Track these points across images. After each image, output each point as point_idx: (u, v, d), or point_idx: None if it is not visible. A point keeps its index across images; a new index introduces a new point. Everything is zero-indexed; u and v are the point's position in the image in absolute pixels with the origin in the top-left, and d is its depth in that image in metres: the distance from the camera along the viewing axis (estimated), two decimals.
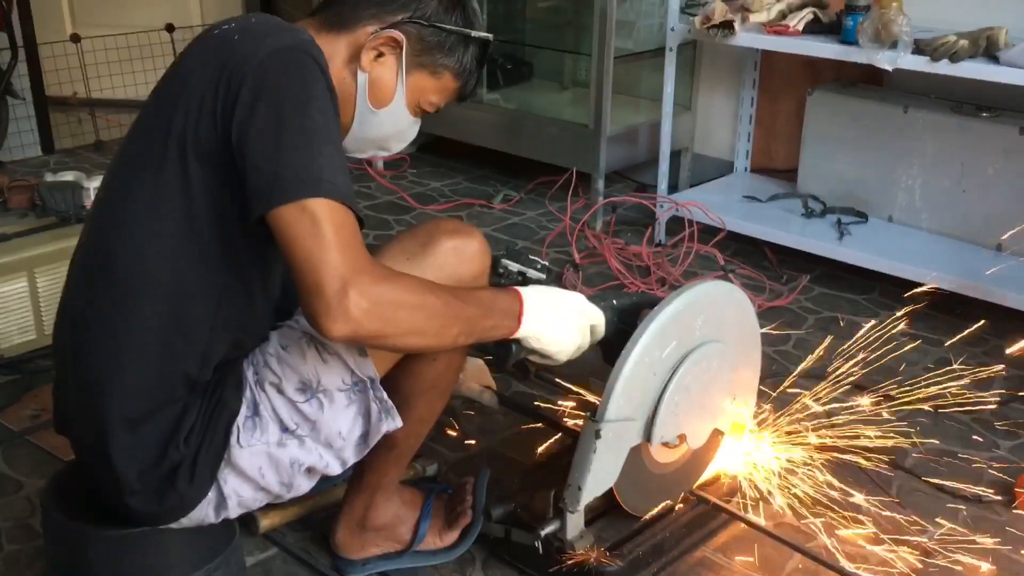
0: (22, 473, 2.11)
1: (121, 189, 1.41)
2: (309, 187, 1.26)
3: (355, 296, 1.25)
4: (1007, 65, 2.60)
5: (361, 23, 1.47)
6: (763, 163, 3.71)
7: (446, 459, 2.15)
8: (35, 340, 2.57)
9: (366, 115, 1.51)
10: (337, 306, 1.24)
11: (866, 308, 2.95)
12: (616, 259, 3.20)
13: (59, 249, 2.54)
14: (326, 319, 1.25)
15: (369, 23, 1.47)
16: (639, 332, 1.61)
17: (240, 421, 1.46)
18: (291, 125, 1.29)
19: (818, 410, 2.14)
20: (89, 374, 1.42)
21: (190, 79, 1.36)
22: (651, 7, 3.83)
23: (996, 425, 2.34)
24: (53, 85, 4.39)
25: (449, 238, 1.56)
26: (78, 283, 1.47)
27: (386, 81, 1.49)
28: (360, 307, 1.25)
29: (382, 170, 4.12)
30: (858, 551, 1.88)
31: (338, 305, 1.24)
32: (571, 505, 1.66)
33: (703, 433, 1.80)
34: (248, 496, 1.51)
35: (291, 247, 1.26)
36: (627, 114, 3.80)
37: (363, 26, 1.47)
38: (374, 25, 1.47)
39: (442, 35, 1.49)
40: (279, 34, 1.36)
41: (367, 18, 1.47)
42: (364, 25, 1.47)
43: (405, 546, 1.82)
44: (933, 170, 3.06)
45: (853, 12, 2.84)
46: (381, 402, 1.50)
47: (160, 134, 1.36)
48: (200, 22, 4.86)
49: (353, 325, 1.26)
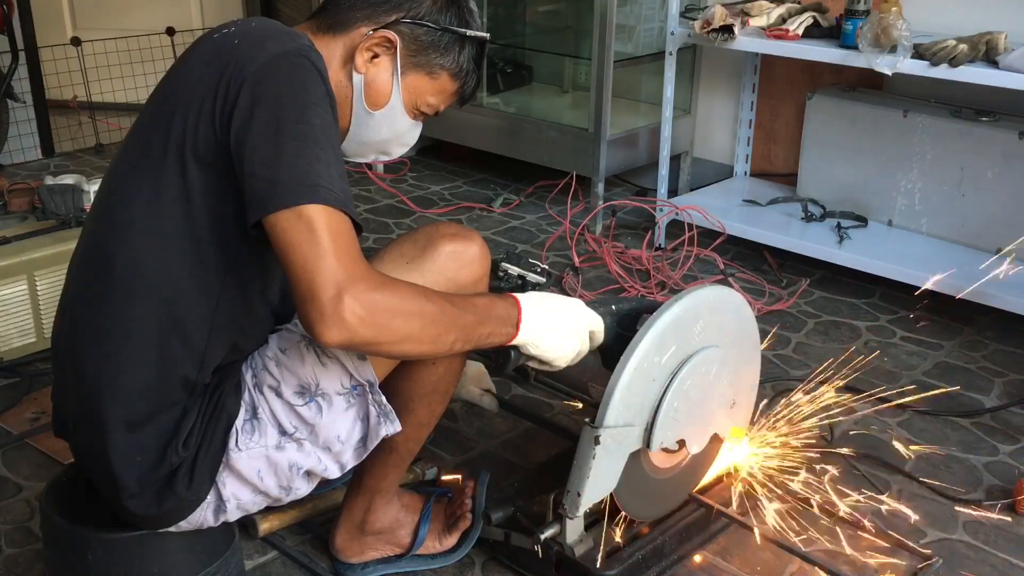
0: (21, 476, 2.11)
1: (120, 192, 1.41)
2: (306, 193, 1.26)
3: (350, 303, 1.25)
4: (1006, 70, 2.60)
5: (355, 24, 1.47)
6: (763, 167, 3.71)
7: (446, 462, 2.15)
8: (35, 343, 2.57)
9: (363, 117, 1.51)
10: (332, 312, 1.24)
11: (866, 312, 2.96)
12: (616, 263, 3.20)
13: (59, 252, 2.54)
14: (321, 325, 1.25)
15: (363, 24, 1.47)
16: (638, 338, 1.61)
17: (239, 424, 1.46)
18: (289, 130, 1.29)
19: (816, 413, 2.14)
20: (88, 377, 1.42)
21: (190, 83, 1.36)
22: (651, 11, 3.83)
23: (996, 429, 2.34)
24: (53, 88, 4.39)
25: (448, 242, 1.56)
26: (77, 286, 1.47)
27: (382, 82, 1.49)
28: (355, 314, 1.25)
29: (382, 173, 4.12)
30: (857, 556, 1.88)
31: (333, 312, 1.24)
32: (571, 511, 1.66)
33: (703, 438, 1.80)
34: (247, 499, 1.51)
35: (287, 253, 1.26)
36: (627, 118, 3.81)
37: (357, 27, 1.47)
38: (368, 26, 1.47)
39: (436, 34, 1.49)
40: (279, 39, 1.37)
41: (361, 19, 1.47)
42: (358, 26, 1.47)
43: (405, 550, 1.82)
44: (932, 174, 3.06)
45: (853, 16, 2.85)
46: (380, 406, 1.50)
47: (159, 138, 1.36)
48: (200, 25, 4.87)
49: (348, 332, 1.26)
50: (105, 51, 4.42)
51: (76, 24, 4.96)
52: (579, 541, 1.72)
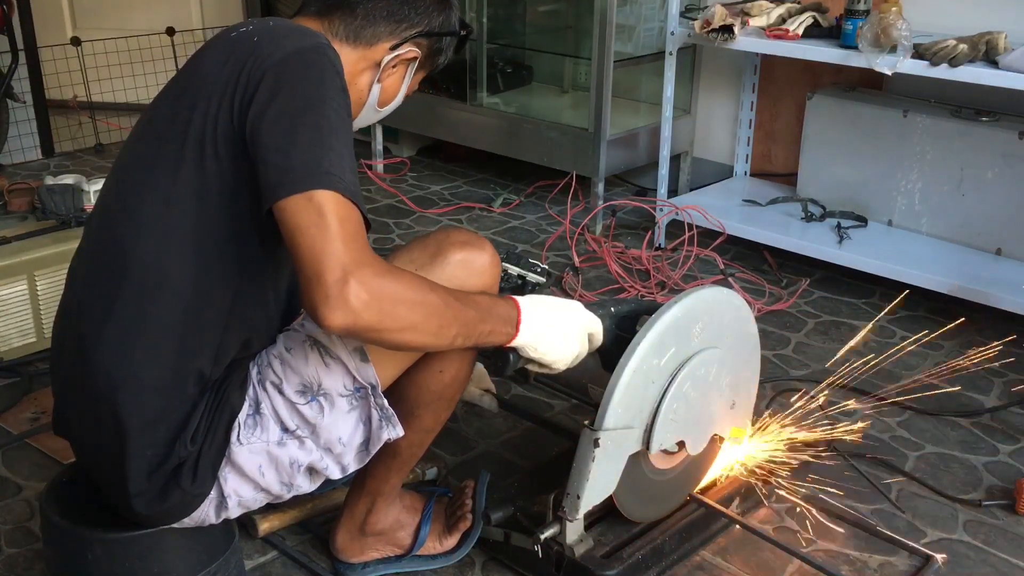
0: (21, 476, 2.11)
1: (134, 188, 1.42)
2: (317, 180, 1.27)
3: (355, 287, 1.25)
4: (1006, 70, 2.60)
5: (380, 40, 1.53)
6: (763, 167, 3.71)
7: (446, 462, 2.15)
8: (35, 343, 2.57)
9: (370, 114, 1.60)
10: (337, 295, 1.24)
11: (865, 312, 2.96)
12: (616, 263, 3.20)
13: (59, 252, 2.55)
14: (325, 308, 1.25)
15: (387, 40, 1.54)
16: (637, 340, 1.61)
17: (241, 419, 1.46)
18: (305, 121, 1.31)
19: (815, 413, 2.14)
20: (103, 376, 1.41)
21: (209, 78, 1.38)
22: (651, 11, 3.83)
23: (996, 429, 2.34)
24: (53, 88, 4.39)
25: (459, 250, 1.57)
26: (85, 285, 1.46)
27: (394, 87, 1.60)
28: (360, 298, 1.25)
29: (382, 173, 4.13)
30: (857, 556, 1.88)
31: (338, 295, 1.24)
32: (570, 514, 1.66)
33: (702, 439, 1.80)
34: (248, 496, 1.51)
35: (296, 237, 1.27)
36: (627, 118, 3.80)
37: (381, 43, 1.53)
38: (391, 41, 1.54)
39: (443, 40, 1.59)
40: (298, 36, 1.40)
41: (385, 35, 1.54)
42: (382, 42, 1.53)
43: (405, 550, 1.82)
44: (933, 174, 3.06)
45: (853, 16, 2.85)
46: (382, 410, 1.50)
47: (177, 134, 1.37)
48: (200, 25, 4.86)
49: (352, 316, 1.25)
50: (105, 51, 4.42)
51: (76, 24, 4.96)
52: (579, 541, 1.72)
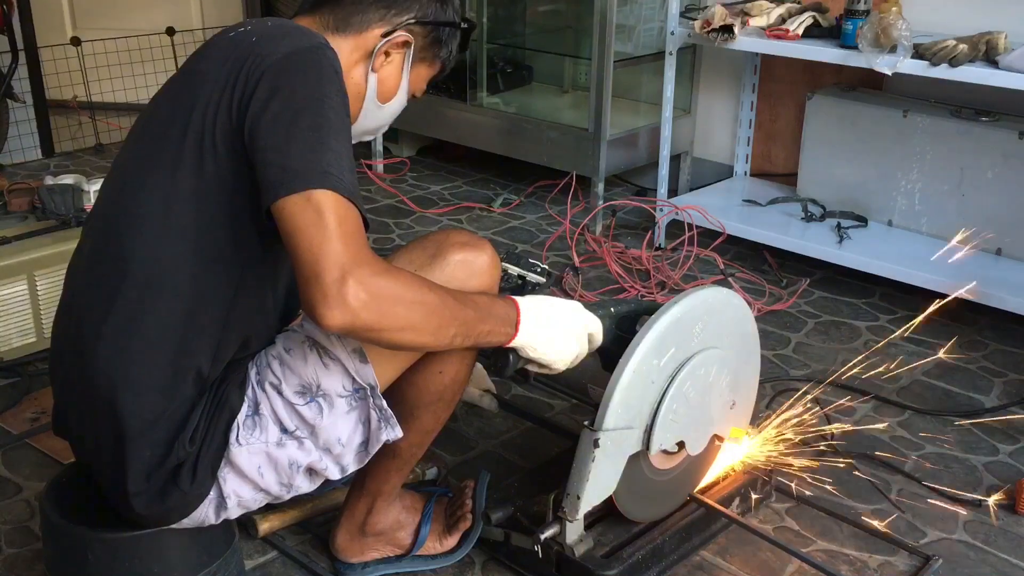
0: (21, 476, 2.11)
1: (134, 188, 1.41)
2: (315, 179, 1.27)
3: (354, 286, 1.25)
4: (1006, 70, 2.60)
5: (370, 27, 1.52)
6: (763, 167, 3.71)
7: (446, 462, 2.15)
8: (35, 343, 2.57)
9: (372, 111, 1.57)
10: (336, 295, 1.24)
11: (866, 312, 2.96)
12: (616, 263, 3.20)
13: (59, 252, 2.54)
14: (323, 307, 1.25)
15: (378, 26, 1.52)
16: (637, 340, 1.61)
17: (240, 419, 1.46)
18: (303, 121, 1.31)
19: (815, 413, 2.14)
20: (100, 375, 1.41)
21: (208, 78, 1.38)
22: (651, 11, 3.83)
23: (996, 429, 2.34)
24: (53, 88, 4.39)
25: (459, 251, 1.57)
26: (85, 283, 1.46)
27: (392, 78, 1.57)
28: (358, 298, 1.25)
29: (382, 173, 4.13)
30: (857, 556, 1.88)
31: (336, 294, 1.24)
32: (570, 514, 1.66)
33: (702, 440, 1.80)
34: (248, 496, 1.51)
35: (294, 236, 1.27)
36: (627, 118, 3.80)
37: (372, 29, 1.52)
38: (381, 27, 1.52)
39: (440, 30, 1.57)
40: (297, 37, 1.40)
41: (375, 21, 1.52)
42: (373, 28, 1.52)
43: (405, 551, 1.82)
44: (933, 174, 3.06)
45: (853, 16, 2.85)
46: (381, 411, 1.50)
47: (176, 134, 1.37)
48: (200, 25, 4.85)
49: (350, 315, 1.25)
50: (105, 51, 4.42)
51: (76, 24, 4.96)
52: (579, 541, 1.72)
